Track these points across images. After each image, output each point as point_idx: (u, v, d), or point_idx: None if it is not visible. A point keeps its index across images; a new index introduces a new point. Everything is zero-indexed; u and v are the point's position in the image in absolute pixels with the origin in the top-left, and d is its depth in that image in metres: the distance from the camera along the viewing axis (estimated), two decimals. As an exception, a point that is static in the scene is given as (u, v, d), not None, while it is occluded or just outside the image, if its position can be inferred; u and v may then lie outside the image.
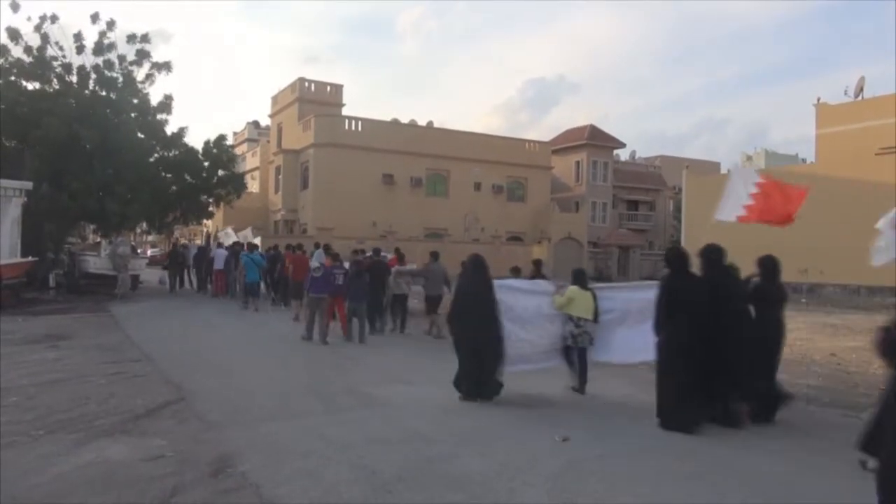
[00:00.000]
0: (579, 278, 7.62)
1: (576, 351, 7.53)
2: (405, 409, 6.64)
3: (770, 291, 6.59)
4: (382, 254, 14.20)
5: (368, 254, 13.62)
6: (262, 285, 17.42)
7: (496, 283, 7.40)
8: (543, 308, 7.54)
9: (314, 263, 12.11)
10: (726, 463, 5.18)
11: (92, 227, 26.94)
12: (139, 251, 30.15)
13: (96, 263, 19.74)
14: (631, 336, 7.18)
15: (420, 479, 4.57)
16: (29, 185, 17.27)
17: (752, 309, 6.46)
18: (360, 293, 11.51)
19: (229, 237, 22.24)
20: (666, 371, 6.15)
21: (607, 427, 6.14)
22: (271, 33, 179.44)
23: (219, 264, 19.18)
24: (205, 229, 39.92)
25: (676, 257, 6.47)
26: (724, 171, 55.53)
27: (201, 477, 4.50)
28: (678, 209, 42.99)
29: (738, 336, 6.14)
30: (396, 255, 14.28)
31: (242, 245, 18.53)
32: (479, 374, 6.97)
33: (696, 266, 6.54)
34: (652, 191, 51.92)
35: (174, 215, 24.11)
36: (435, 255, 13.01)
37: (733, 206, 8.02)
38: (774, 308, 6.55)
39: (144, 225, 27.63)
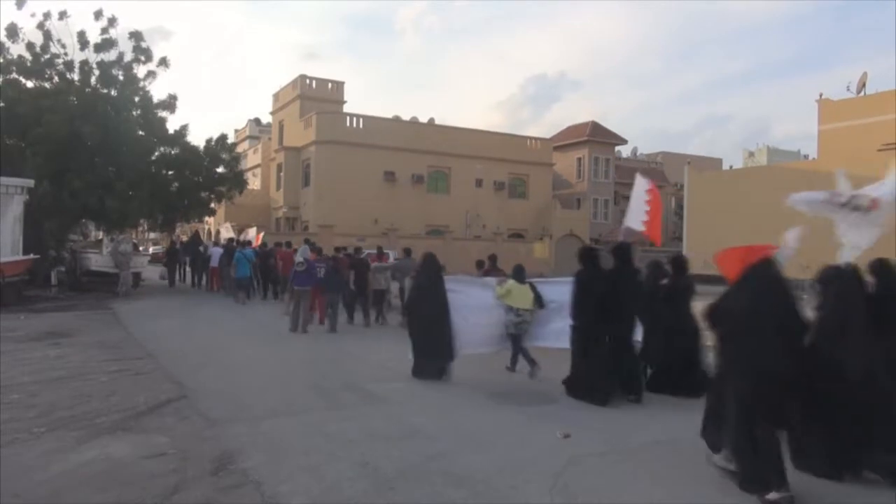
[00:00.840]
0: (518, 274, 8.39)
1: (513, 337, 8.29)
2: (406, 406, 6.65)
3: (680, 285, 7.64)
4: (366, 252, 15.48)
5: (350, 251, 14.89)
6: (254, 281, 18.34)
7: (451, 278, 8.58)
8: (489, 298, 8.36)
9: (298, 258, 12.60)
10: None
11: (91, 223, 26.90)
12: (141, 248, 30.16)
13: (98, 261, 19.75)
14: (565, 326, 7.61)
15: (422, 476, 4.58)
16: (31, 182, 17.24)
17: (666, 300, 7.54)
18: (337, 287, 12.31)
19: (229, 232, 22.89)
20: (580, 351, 7.00)
21: (609, 424, 6.13)
22: (272, 31, 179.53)
23: (214, 261, 20.08)
24: (206, 226, 39.95)
25: (587, 255, 7.45)
26: (726, 167, 55.53)
27: (203, 474, 4.51)
28: (680, 206, 42.89)
29: (643, 320, 7.17)
30: (377, 253, 15.20)
31: (235, 242, 19.59)
32: (431, 352, 7.86)
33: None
34: (653, 187, 51.73)
35: (177, 214, 24.12)
36: (407, 251, 14.20)
37: (636, 214, 8.40)
38: (685, 298, 7.55)
39: (146, 223, 27.65)
